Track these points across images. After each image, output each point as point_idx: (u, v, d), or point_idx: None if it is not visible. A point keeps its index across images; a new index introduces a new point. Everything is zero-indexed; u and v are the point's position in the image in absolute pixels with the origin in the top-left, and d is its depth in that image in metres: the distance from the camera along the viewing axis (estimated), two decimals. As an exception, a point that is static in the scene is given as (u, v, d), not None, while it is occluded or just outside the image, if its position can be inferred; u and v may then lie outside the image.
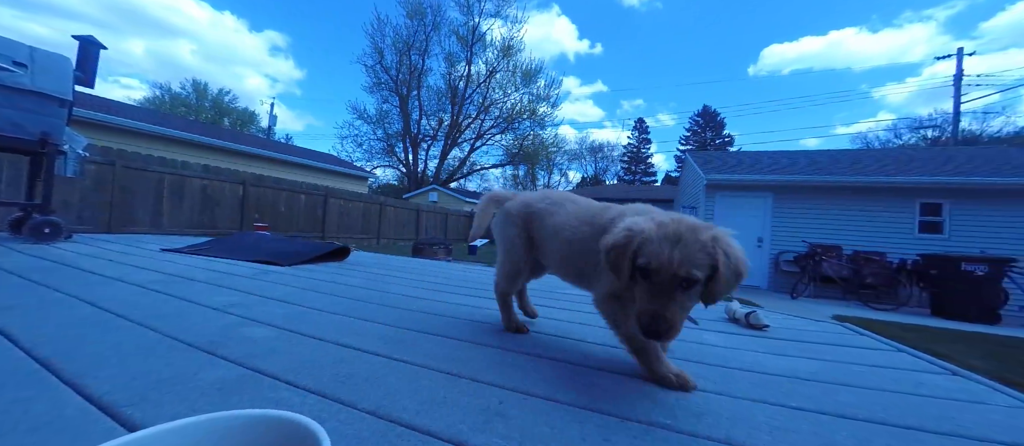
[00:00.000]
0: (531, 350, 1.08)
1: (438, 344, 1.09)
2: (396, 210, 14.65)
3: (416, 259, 4.33)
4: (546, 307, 1.73)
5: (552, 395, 0.80)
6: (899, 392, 0.94)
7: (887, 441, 0.67)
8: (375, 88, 25.27)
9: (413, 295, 1.80)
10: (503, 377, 0.87)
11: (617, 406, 0.76)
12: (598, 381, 0.89)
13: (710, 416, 0.74)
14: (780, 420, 0.74)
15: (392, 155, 26.96)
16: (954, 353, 4.02)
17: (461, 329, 1.26)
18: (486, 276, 2.76)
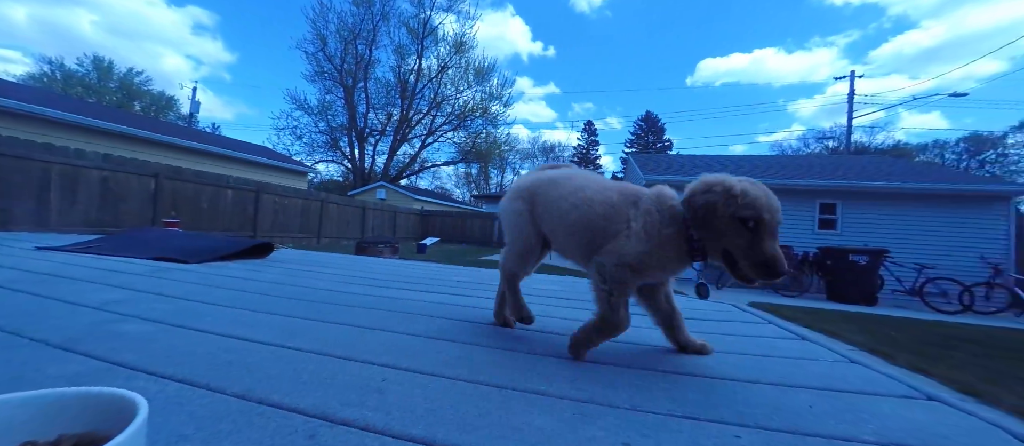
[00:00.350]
0: (421, 331, 1.11)
1: (338, 331, 1.07)
2: (339, 208, 13.92)
3: (353, 256, 4.17)
4: (473, 296, 1.76)
5: (439, 371, 0.82)
6: (754, 355, 1.09)
7: (729, 392, 0.79)
8: (317, 77, 23.78)
9: (331, 289, 1.75)
10: (395, 358, 0.89)
11: (501, 377, 0.81)
12: (497, 358, 0.93)
13: (584, 381, 0.81)
14: (641, 380, 0.83)
15: (336, 149, 25.54)
16: (839, 331, 4.68)
17: (369, 318, 1.25)
18: (419, 271, 2.73)
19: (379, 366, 0.84)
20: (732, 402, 0.73)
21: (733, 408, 0.70)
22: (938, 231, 8.64)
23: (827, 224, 9.21)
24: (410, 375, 0.80)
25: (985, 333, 5.12)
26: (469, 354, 0.93)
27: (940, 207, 8.70)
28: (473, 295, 1.82)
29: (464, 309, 1.47)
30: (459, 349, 0.97)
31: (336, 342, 0.98)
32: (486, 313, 1.43)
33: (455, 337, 1.08)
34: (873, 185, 8.90)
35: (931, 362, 3.51)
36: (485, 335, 1.12)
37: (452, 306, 1.51)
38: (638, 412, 0.67)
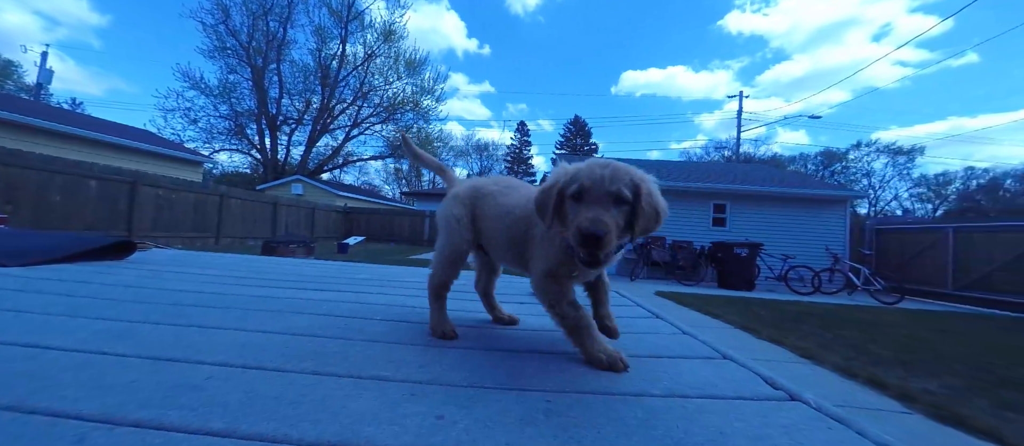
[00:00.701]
0: (283, 329, 1.05)
1: (172, 333, 0.96)
2: (244, 203, 12.41)
3: (252, 257, 3.75)
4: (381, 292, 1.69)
5: (279, 366, 0.78)
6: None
7: (563, 365, 0.87)
8: (217, 53, 20.90)
9: (195, 290, 1.55)
10: (232, 356, 0.82)
11: (346, 367, 0.79)
12: (343, 349, 0.91)
13: (434, 365, 0.83)
14: (487, 359, 0.88)
15: (242, 138, 22.72)
16: (723, 313, 5.42)
17: (222, 317, 1.14)
18: (320, 270, 2.56)
19: (209, 365, 0.77)
20: (562, 373, 0.80)
21: (560, 378, 0.77)
22: (798, 227, 10.45)
23: (719, 222, 10.60)
24: (241, 372, 0.74)
25: (826, 309, 6.33)
26: (322, 348, 0.90)
27: (800, 207, 10.53)
28: (367, 291, 1.76)
29: (350, 305, 1.41)
30: (315, 343, 0.93)
31: (165, 343, 0.88)
32: (374, 308, 1.39)
33: (320, 333, 1.03)
34: (753, 189, 10.46)
35: (785, 334, 4.24)
36: (355, 330, 1.08)
37: (336, 303, 1.44)
38: (472, 388, 0.71)
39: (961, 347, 4.01)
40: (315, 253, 7.86)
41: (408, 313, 1.32)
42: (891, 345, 3.92)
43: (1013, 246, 7.57)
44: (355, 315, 1.24)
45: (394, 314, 1.30)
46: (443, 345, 0.97)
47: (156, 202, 9.58)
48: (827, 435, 0.56)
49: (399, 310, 1.37)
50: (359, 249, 13.37)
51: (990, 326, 5.64)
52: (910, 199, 33.67)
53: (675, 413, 0.62)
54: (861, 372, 2.93)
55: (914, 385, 2.71)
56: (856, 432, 0.56)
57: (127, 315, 1.11)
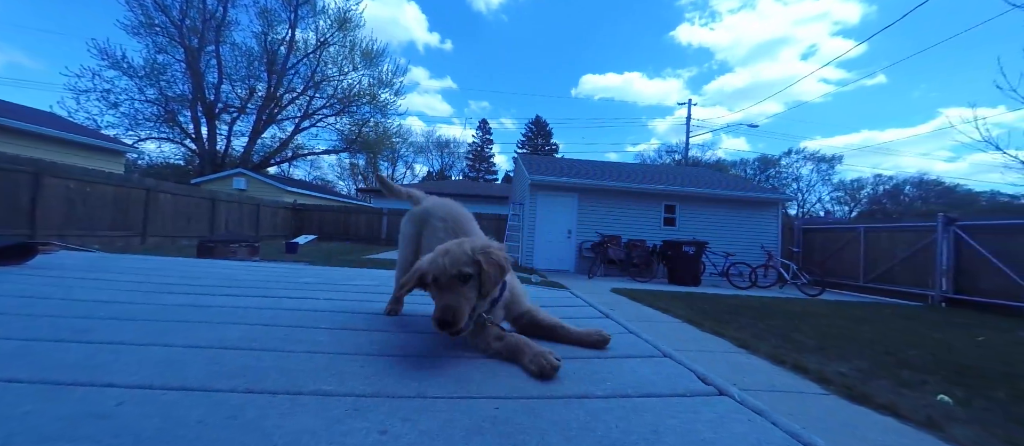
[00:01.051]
0: (213, 342, 0.97)
1: (81, 352, 0.86)
2: (176, 198, 11.30)
3: (182, 260, 3.41)
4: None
5: (206, 385, 0.72)
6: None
7: (511, 370, 0.88)
8: (143, 30, 18.76)
9: (108, 300, 1.39)
10: (152, 376, 0.75)
11: (284, 382, 0.75)
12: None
13: (380, 376, 0.81)
14: (434, 366, 0.87)
15: (173, 125, 20.62)
16: (671, 307, 5.75)
17: (143, 331, 1.03)
18: (262, 273, 2.39)
19: (121, 388, 0.69)
20: (511, 377, 0.81)
21: (508, 382, 0.78)
22: (738, 227, 11.34)
23: (669, 221, 11.23)
24: (160, 393, 0.68)
25: (761, 302, 6.92)
26: (257, 362, 0.84)
27: (740, 209, 11.43)
28: (312, 296, 1.67)
29: (292, 313, 1.33)
30: (249, 357, 0.87)
31: (68, 365, 0.78)
32: (318, 315, 1.32)
33: (256, 345, 0.96)
34: (700, 191, 11.19)
35: (725, 326, 4.58)
36: (296, 340, 1.03)
37: (276, 310, 1.35)
38: (419, 398, 0.70)
39: (869, 333, 4.55)
40: (260, 254, 7.32)
41: (354, 320, 1.27)
42: (813, 333, 4.36)
43: (910, 244, 8.73)
44: (297, 324, 1.18)
45: (340, 321, 1.24)
46: (394, 354, 0.95)
47: (67, 196, 8.46)
48: (747, 427, 0.61)
49: (345, 317, 1.31)
50: (310, 248, 12.65)
51: (892, 314, 6.46)
52: (831, 202, 37.75)
53: (615, 413, 0.65)
54: (788, 359, 3.23)
55: (830, 369, 3.03)
56: (771, 423, 0.62)
57: (20, 332, 0.97)
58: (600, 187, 10.96)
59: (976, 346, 4.17)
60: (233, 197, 14.05)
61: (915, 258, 8.61)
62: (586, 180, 10.95)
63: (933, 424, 2.14)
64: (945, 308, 7.67)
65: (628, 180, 11.42)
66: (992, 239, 7.36)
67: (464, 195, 22.81)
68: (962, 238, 7.74)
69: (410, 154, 43.65)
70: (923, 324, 5.53)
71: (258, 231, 14.97)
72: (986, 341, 4.48)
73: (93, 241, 8.90)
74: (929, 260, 8.23)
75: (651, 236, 10.73)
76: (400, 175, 44.41)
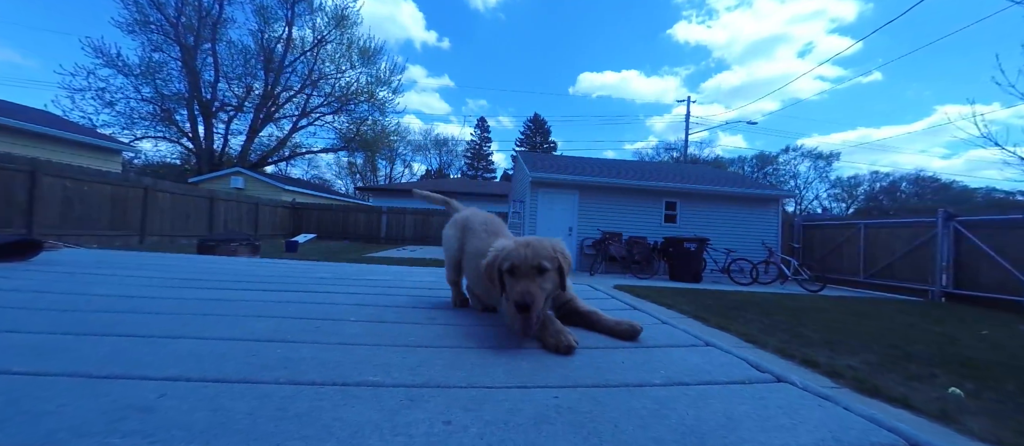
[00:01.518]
0: (244, 335, 0.94)
1: (111, 344, 0.83)
2: (175, 197, 11.19)
3: (183, 256, 3.36)
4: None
5: (249, 376, 0.69)
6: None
7: (560, 360, 0.85)
8: (139, 27, 18.54)
9: (123, 294, 1.36)
10: (188, 369, 0.72)
11: (328, 374, 0.72)
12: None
13: (424, 367, 0.78)
14: (483, 359, 0.84)
15: (170, 124, 20.42)
16: (675, 303, 5.75)
17: (167, 324, 1.00)
18: (271, 270, 2.35)
19: (159, 380, 0.66)
20: (562, 367, 0.79)
21: (561, 373, 0.75)
22: (739, 223, 11.36)
23: (670, 218, 11.24)
24: (201, 386, 0.65)
25: (763, 298, 6.94)
26: (295, 353, 0.81)
27: (741, 205, 11.45)
28: (332, 291, 1.64)
29: (318, 306, 1.30)
30: (286, 349, 0.84)
31: (100, 358, 0.74)
32: (344, 308, 1.29)
33: (289, 337, 0.93)
34: (701, 188, 11.21)
35: (730, 321, 4.58)
36: (328, 333, 1.00)
37: (301, 304, 1.32)
38: (473, 389, 0.67)
39: (873, 328, 4.57)
40: (261, 252, 7.25)
41: (384, 313, 1.24)
42: (818, 328, 4.37)
43: (909, 240, 8.78)
44: (326, 316, 1.15)
45: (368, 314, 1.22)
46: (433, 345, 0.92)
47: (63, 195, 8.35)
48: (821, 413, 0.59)
49: (372, 310, 1.28)
50: (310, 247, 12.58)
51: (893, 309, 6.50)
52: (828, 199, 37.97)
53: (681, 401, 0.62)
54: (797, 353, 3.23)
55: (839, 362, 3.03)
56: (843, 408, 0.60)
57: (45, 326, 0.93)
58: (601, 184, 10.95)
59: (980, 340, 4.19)
60: (231, 196, 13.93)
61: (915, 254, 8.66)
62: (587, 177, 10.93)
63: (947, 416, 2.13)
64: (945, 303, 7.72)
65: (629, 177, 11.42)
66: (991, 234, 7.41)
67: (462, 193, 22.74)
68: (962, 233, 7.79)
69: (408, 153, 43.52)
70: (925, 319, 5.55)
71: (257, 230, 14.87)
72: (989, 335, 4.51)
73: (91, 240, 8.80)
74: (929, 256, 8.28)
75: (652, 233, 10.73)
76: (398, 174, 44.24)
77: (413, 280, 2.05)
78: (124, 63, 18.38)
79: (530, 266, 1.01)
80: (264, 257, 7.26)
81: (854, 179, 37.37)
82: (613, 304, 1.59)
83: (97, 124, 18.07)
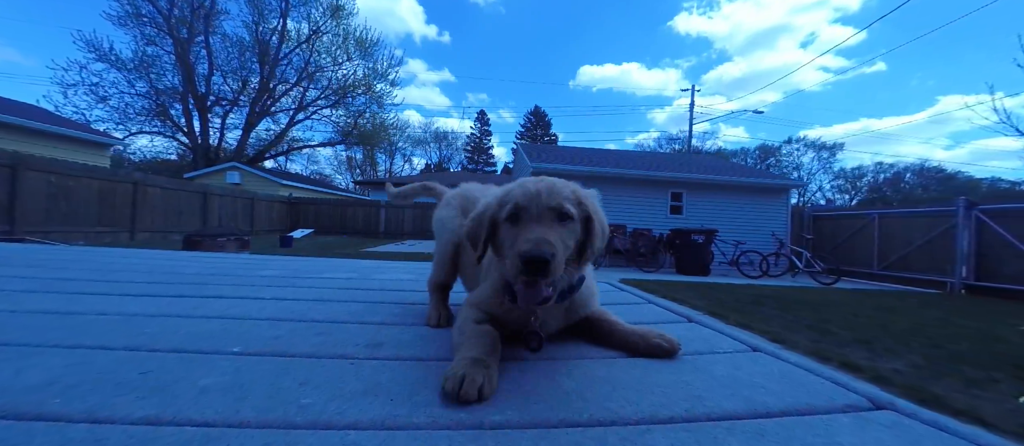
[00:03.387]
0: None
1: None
2: (166, 192, 10.90)
3: (161, 252, 3.06)
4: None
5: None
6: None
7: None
8: (130, 20, 18.15)
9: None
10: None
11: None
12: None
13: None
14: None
15: (165, 119, 20.08)
16: (686, 298, 5.44)
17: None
18: (228, 267, 2.04)
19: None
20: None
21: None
22: (746, 214, 11.03)
23: (676, 210, 10.91)
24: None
25: (778, 291, 6.63)
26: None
27: (748, 196, 11.11)
28: (258, 296, 1.33)
29: (191, 324, 0.99)
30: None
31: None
32: (230, 330, 0.98)
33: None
34: (708, 178, 10.86)
35: (749, 318, 4.27)
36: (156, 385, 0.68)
37: (176, 318, 1.01)
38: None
39: (904, 324, 4.26)
40: (251, 248, 6.95)
41: (299, 338, 0.92)
42: (845, 324, 4.06)
43: (926, 230, 8.44)
44: (196, 349, 0.84)
45: (267, 342, 0.90)
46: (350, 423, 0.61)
47: (48, 191, 8.06)
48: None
49: (289, 329, 0.97)
50: (306, 242, 12.30)
51: (916, 302, 6.19)
52: (831, 190, 37.52)
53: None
54: (832, 355, 2.92)
55: (883, 366, 2.73)
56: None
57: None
58: (604, 175, 10.61)
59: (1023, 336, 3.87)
60: (226, 191, 13.63)
61: (932, 244, 8.33)
62: (589, 168, 10.59)
63: (1030, 432, 1.83)
64: (966, 296, 7.41)
65: (633, 167, 11.07)
66: (1016, 223, 7.07)
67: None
68: (984, 223, 7.45)
69: (408, 147, 43.09)
70: (953, 313, 5.24)
71: (253, 225, 14.59)
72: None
73: (78, 237, 8.53)
74: (947, 246, 7.94)
75: (657, 225, 10.42)
76: (398, 168, 43.87)
77: (380, 278, 1.75)
78: (117, 57, 18.02)
79: (545, 207, 0.70)
80: (255, 253, 6.97)
81: (858, 170, 36.92)
82: (624, 296, 1.30)
83: (91, 120, 17.77)
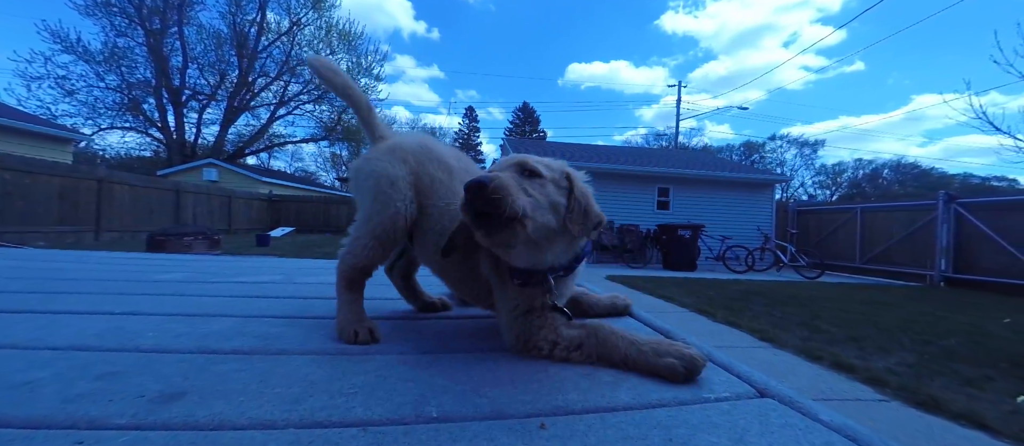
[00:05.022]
0: None
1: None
2: (135, 190, 10.37)
3: (106, 254, 2.77)
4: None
5: None
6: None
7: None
8: (98, 10, 17.24)
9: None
10: None
11: None
12: None
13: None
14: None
15: (138, 114, 19.22)
16: (674, 295, 5.33)
17: None
18: (180, 270, 1.81)
19: None
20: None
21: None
22: (733, 209, 11.04)
23: (663, 205, 10.85)
24: None
25: (765, 286, 6.58)
26: None
27: (735, 191, 11.12)
28: (126, 312, 1.11)
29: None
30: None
31: None
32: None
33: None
34: (695, 173, 10.82)
35: (737, 315, 4.15)
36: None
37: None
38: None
39: (891, 319, 4.21)
40: (223, 247, 6.60)
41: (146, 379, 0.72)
42: (834, 321, 3.99)
43: (907, 224, 8.54)
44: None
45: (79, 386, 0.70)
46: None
47: (2, 189, 7.54)
48: None
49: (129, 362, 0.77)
50: (285, 241, 11.88)
51: (900, 296, 6.21)
52: (813, 186, 38.25)
53: None
54: (824, 354, 2.82)
55: (876, 365, 2.63)
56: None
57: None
58: (591, 170, 10.32)
59: (1009, 330, 3.85)
60: (201, 188, 13.08)
61: (913, 238, 8.43)
62: (577, 163, 10.42)
63: (1033, 437, 1.72)
64: (946, 288, 7.50)
65: (620, 163, 10.97)
66: (994, 216, 7.17)
67: (450, 184, 22.03)
68: (963, 216, 7.55)
69: (394, 143, 42.29)
70: (937, 306, 5.25)
71: (230, 224, 14.07)
72: (1013, 323, 4.19)
73: (37, 237, 8.02)
74: (928, 239, 8.04)
75: (644, 220, 10.34)
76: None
77: (306, 282, 1.55)
78: (85, 49, 17.09)
79: (507, 163, 0.71)
80: (227, 253, 6.62)
81: (838, 166, 37.71)
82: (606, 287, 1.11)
83: (57, 115, 16.84)
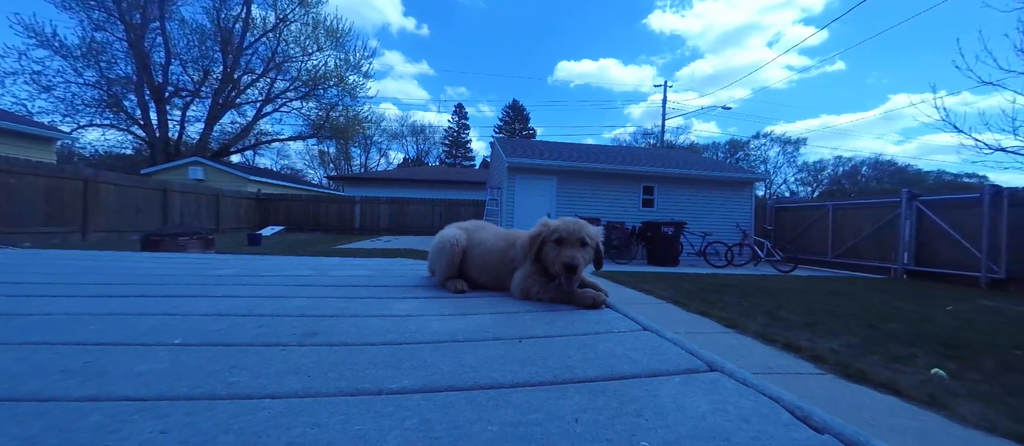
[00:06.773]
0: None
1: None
2: (121, 189, 10.31)
3: (99, 253, 2.93)
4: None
5: None
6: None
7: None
8: (75, 3, 16.83)
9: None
10: None
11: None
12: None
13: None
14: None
15: (119, 111, 18.84)
16: (654, 288, 5.66)
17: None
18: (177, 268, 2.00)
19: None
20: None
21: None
22: (714, 206, 11.48)
23: (648, 203, 11.23)
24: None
25: (740, 280, 6.98)
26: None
27: (716, 189, 11.56)
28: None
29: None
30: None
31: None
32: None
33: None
34: (678, 172, 11.22)
35: (710, 305, 4.49)
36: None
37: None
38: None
39: (849, 307, 4.60)
40: (216, 247, 6.70)
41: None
42: (797, 310, 4.35)
43: (874, 220, 9.06)
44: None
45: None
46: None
47: (-16, 188, 7.48)
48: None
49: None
50: (276, 240, 11.92)
51: (863, 287, 6.66)
52: (795, 183, 39.41)
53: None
54: (779, 337, 3.15)
55: (822, 346, 2.96)
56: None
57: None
58: (579, 169, 10.78)
59: (949, 316, 4.26)
60: (188, 187, 12.99)
61: (879, 233, 8.95)
62: (565, 163, 10.74)
63: (937, 402, 2.05)
64: (907, 280, 8.02)
65: (607, 162, 11.30)
66: (951, 213, 7.70)
67: (441, 181, 22.18)
68: (924, 213, 8.07)
69: (384, 140, 42.15)
70: (894, 296, 5.69)
71: (218, 223, 14.00)
72: (955, 310, 4.62)
73: (23, 238, 7.96)
74: (892, 235, 8.57)
75: (630, 218, 10.70)
76: (374, 162, 42.93)
77: (336, 275, 1.77)
78: (62, 43, 16.68)
79: (576, 238, 1.32)
80: (220, 252, 6.72)
81: (819, 163, 38.90)
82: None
83: (33, 111, 16.45)
